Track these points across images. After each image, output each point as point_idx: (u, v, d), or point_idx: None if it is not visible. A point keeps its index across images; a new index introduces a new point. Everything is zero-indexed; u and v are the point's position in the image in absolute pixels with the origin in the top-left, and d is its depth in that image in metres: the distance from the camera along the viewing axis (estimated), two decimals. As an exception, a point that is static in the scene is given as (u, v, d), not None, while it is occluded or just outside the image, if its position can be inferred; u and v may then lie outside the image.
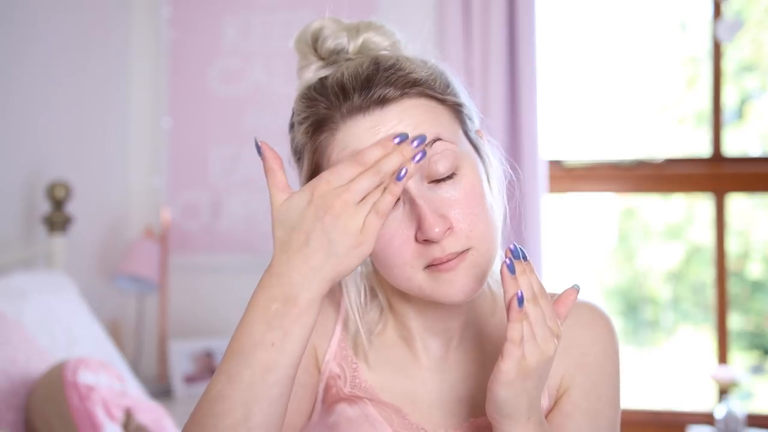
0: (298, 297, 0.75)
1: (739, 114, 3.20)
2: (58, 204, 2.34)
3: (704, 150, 2.86)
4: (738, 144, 3.16)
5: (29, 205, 2.44)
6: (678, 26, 3.18)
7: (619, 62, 3.14)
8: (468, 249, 0.85)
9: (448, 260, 0.84)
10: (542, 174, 2.54)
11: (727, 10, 2.65)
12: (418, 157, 0.77)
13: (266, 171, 0.80)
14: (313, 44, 0.94)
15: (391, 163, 0.76)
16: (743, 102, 3.22)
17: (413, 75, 0.87)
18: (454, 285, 0.85)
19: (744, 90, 3.24)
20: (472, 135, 0.92)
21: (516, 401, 0.81)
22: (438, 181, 0.85)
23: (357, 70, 0.86)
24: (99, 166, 2.83)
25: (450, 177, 0.86)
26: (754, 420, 2.58)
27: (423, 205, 0.83)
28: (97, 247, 2.80)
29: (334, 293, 0.99)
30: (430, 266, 0.85)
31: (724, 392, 2.58)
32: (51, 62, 2.54)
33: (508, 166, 0.96)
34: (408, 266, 0.85)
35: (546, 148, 2.59)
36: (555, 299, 0.85)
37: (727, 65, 2.83)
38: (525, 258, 0.81)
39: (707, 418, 2.64)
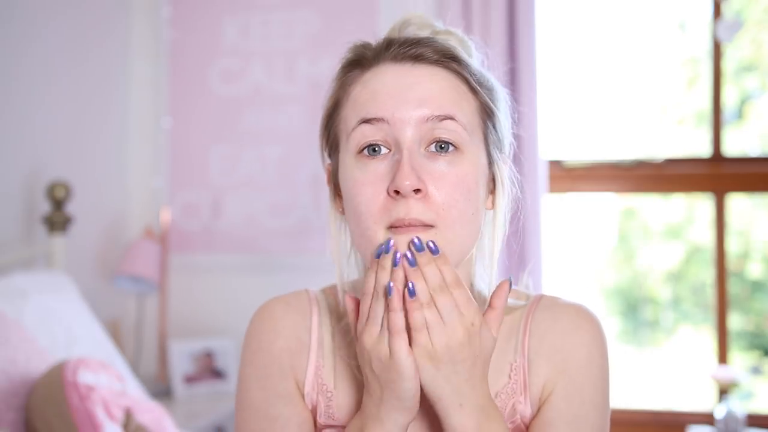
0: None
1: (739, 114, 3.20)
2: (58, 204, 2.34)
3: (704, 150, 2.86)
4: (738, 144, 3.15)
5: (29, 205, 2.44)
6: (678, 26, 3.18)
7: (619, 62, 3.14)
8: (433, 226, 0.83)
9: (410, 225, 0.82)
10: (542, 174, 2.54)
11: (727, 10, 2.65)
12: (396, 260, 0.81)
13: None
14: (400, 27, 1.00)
15: (380, 278, 0.81)
16: (743, 102, 3.22)
17: (457, 52, 0.90)
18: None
19: (744, 90, 3.24)
20: (492, 147, 0.92)
21: (434, 385, 0.82)
22: (435, 152, 0.85)
23: (413, 36, 0.93)
24: (99, 166, 2.83)
25: (448, 152, 0.85)
26: (754, 420, 2.58)
27: (405, 158, 0.83)
28: (97, 247, 2.79)
29: (305, 315, 0.98)
30: (392, 227, 0.83)
31: (724, 392, 2.58)
32: (51, 62, 2.54)
33: (519, 195, 0.96)
34: (372, 220, 0.84)
35: (546, 148, 2.59)
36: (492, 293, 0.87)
37: (727, 65, 2.83)
38: (435, 251, 0.81)
39: (707, 418, 2.64)
